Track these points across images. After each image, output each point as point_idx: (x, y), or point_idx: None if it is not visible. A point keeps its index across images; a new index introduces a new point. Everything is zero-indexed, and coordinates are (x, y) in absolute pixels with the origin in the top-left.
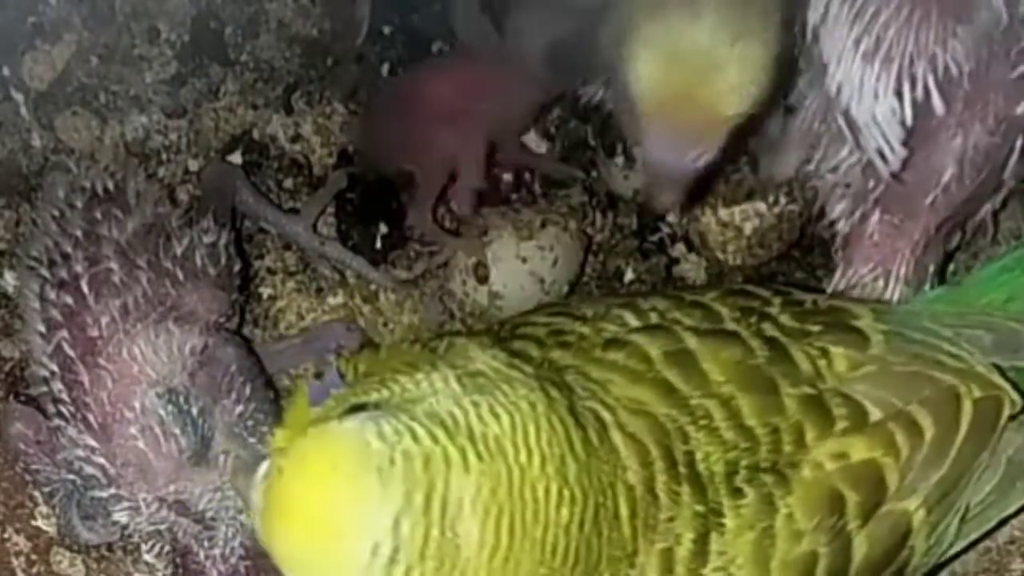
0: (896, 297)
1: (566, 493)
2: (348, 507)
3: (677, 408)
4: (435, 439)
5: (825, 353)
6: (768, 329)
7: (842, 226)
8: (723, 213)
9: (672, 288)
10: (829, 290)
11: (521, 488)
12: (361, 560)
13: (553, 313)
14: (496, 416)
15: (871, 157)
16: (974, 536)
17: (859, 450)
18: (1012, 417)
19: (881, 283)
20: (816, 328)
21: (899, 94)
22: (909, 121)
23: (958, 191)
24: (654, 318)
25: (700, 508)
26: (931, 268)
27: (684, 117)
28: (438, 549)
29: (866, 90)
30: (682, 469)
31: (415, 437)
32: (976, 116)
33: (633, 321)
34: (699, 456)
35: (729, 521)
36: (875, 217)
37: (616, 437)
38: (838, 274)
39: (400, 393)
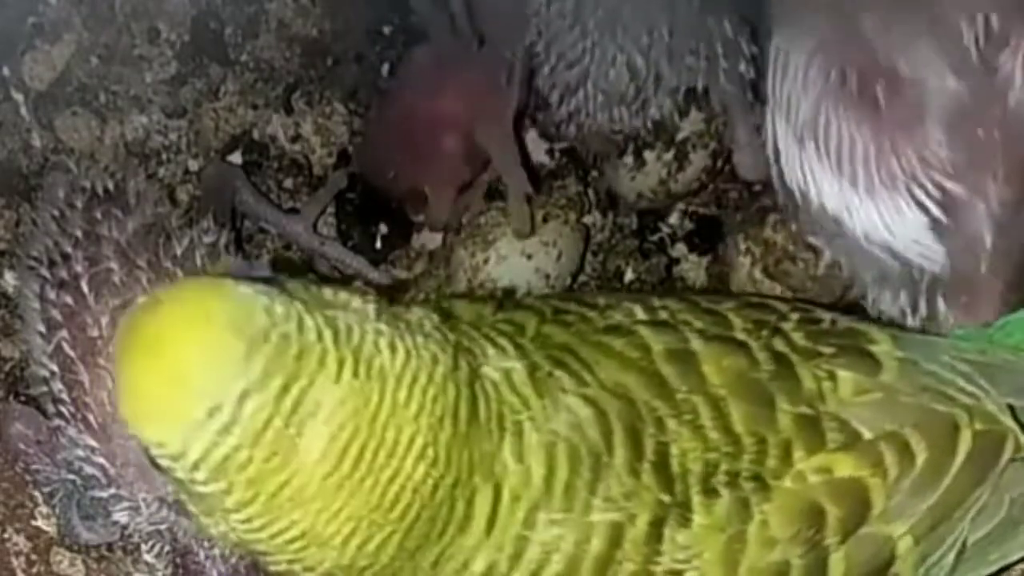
0: None
1: (430, 452)
2: (204, 360)
3: (661, 399)
4: (320, 338)
5: (832, 376)
6: (779, 344)
7: (911, 321)
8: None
9: (671, 288)
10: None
11: (386, 424)
12: (194, 416)
13: (564, 298)
14: (393, 349)
15: (919, 266)
16: None
17: (845, 466)
18: (1019, 459)
19: None
20: (828, 350)
21: (919, 204)
22: (938, 214)
23: (1008, 246)
24: (663, 315)
25: (664, 497)
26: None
27: None
28: (275, 441)
29: (894, 220)
30: (649, 454)
31: (301, 327)
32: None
33: (641, 314)
34: (675, 451)
35: (698, 517)
36: (940, 301)
37: (574, 401)
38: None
39: (315, 298)
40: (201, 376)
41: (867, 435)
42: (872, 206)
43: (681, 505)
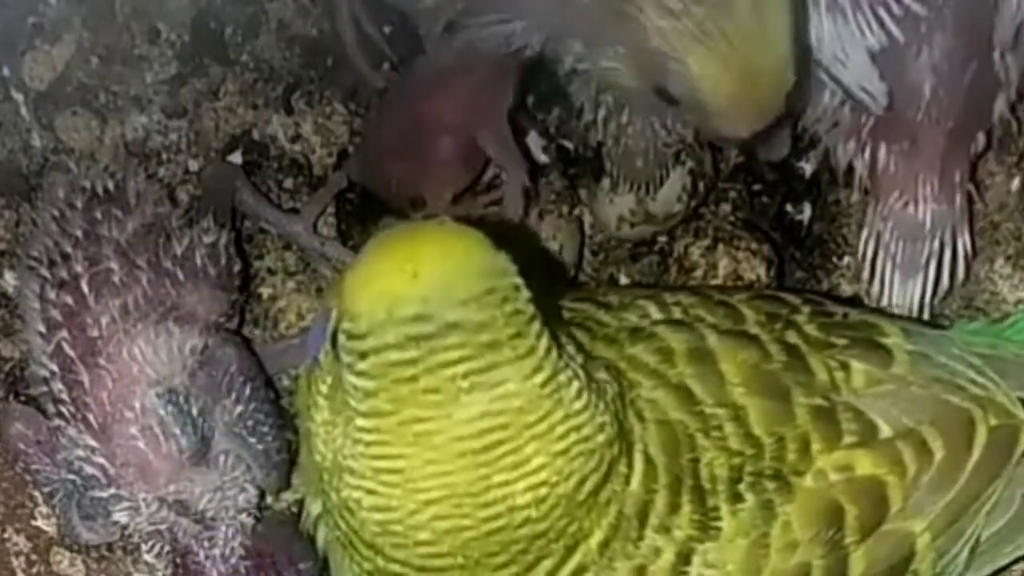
0: (929, 220)
1: (543, 491)
2: (445, 276)
3: (692, 416)
4: (537, 337)
5: (845, 367)
6: (791, 336)
7: (859, 168)
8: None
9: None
10: (865, 230)
11: (531, 439)
12: (401, 310)
13: (578, 299)
14: (579, 395)
15: (859, 99)
16: (986, 572)
17: (864, 465)
18: None
19: (911, 208)
20: (841, 341)
21: (866, 45)
22: (879, 56)
23: (949, 99)
24: (677, 313)
25: (697, 517)
26: (957, 179)
27: (752, 98)
28: (446, 382)
29: (843, 38)
30: (687, 480)
31: (530, 319)
32: (936, 25)
33: (656, 314)
34: (703, 462)
35: (725, 525)
36: (882, 149)
37: (637, 459)
38: (870, 213)
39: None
40: (431, 285)
41: (882, 425)
42: (834, 35)
43: (711, 517)
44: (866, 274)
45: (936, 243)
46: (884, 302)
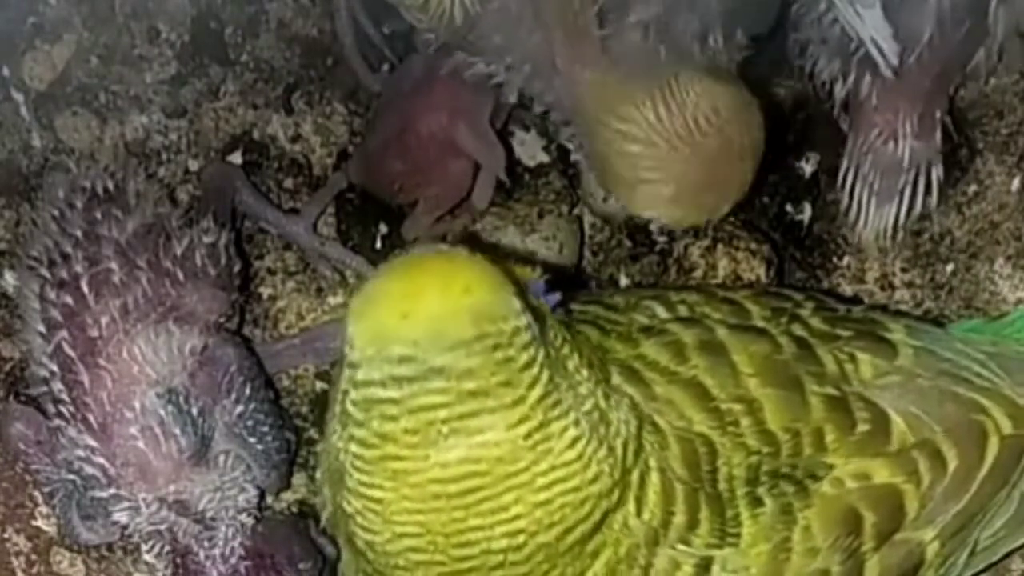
0: (908, 155)
1: (520, 539)
2: (435, 318)
3: (707, 413)
4: (529, 387)
5: (852, 358)
6: (797, 329)
7: (838, 90)
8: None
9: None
10: (844, 162)
11: (510, 489)
12: (389, 348)
13: (586, 302)
14: (573, 444)
15: (871, 52)
16: (980, 567)
17: (882, 473)
18: None
19: (891, 145)
20: (846, 334)
21: None
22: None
23: (943, 45)
24: (683, 311)
25: (716, 527)
26: (938, 116)
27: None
28: (426, 426)
29: None
30: (706, 490)
31: (526, 364)
32: None
33: (663, 313)
34: (721, 461)
35: (745, 530)
36: (866, 79)
37: (650, 492)
38: (849, 144)
39: (562, 357)
40: (421, 327)
41: (893, 416)
42: None
43: (732, 523)
44: (844, 203)
45: (912, 174)
46: (860, 225)
